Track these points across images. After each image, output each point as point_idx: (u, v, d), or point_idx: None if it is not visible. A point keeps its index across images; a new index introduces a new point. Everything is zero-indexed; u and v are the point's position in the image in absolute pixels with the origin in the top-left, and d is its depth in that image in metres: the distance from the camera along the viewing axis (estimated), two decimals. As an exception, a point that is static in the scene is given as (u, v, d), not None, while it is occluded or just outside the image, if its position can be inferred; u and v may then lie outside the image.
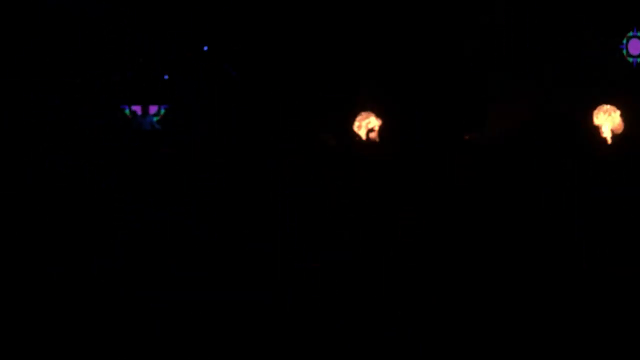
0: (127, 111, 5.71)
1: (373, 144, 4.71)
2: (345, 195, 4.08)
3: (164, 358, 3.30)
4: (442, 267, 3.74)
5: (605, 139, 4.91)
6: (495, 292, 3.55)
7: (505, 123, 4.48)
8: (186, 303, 3.61)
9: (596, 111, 5.41)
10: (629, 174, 4.15)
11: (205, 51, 5.29)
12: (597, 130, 5.04)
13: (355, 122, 5.13)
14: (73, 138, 4.77)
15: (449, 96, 4.62)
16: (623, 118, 5.13)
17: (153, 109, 5.88)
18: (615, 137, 5.02)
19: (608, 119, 5.43)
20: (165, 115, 5.75)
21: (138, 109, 5.91)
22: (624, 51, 6.10)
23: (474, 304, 3.49)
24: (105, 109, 5.41)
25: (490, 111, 4.63)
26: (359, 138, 4.90)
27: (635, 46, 6.12)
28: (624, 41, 6.11)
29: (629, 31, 6.02)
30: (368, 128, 5.02)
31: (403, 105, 4.88)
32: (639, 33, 6.03)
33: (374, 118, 5.19)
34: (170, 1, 5.74)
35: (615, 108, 5.43)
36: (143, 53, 5.59)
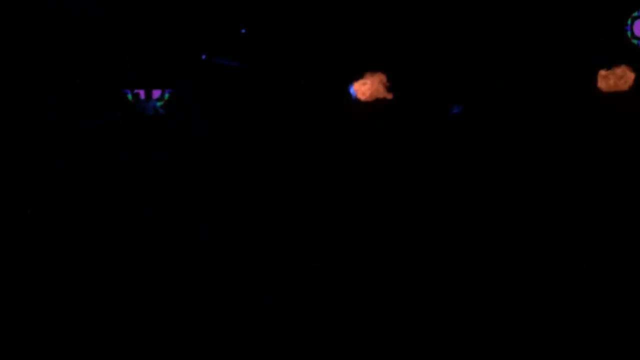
0: (130, 95, 5.72)
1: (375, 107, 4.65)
2: (345, 195, 4.09)
3: (164, 358, 3.33)
4: (442, 267, 3.77)
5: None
6: (495, 292, 3.57)
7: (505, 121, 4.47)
8: (186, 303, 3.63)
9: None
10: (630, 173, 4.11)
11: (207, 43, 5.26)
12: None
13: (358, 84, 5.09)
14: (74, 134, 4.75)
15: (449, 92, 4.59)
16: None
17: (156, 93, 5.90)
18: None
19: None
20: (169, 100, 5.77)
21: (141, 93, 5.93)
22: (629, 33, 6.00)
23: (474, 304, 3.52)
24: (107, 95, 5.39)
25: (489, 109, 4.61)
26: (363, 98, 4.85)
27: (640, 27, 5.98)
28: (629, 22, 6.00)
29: (634, 11, 5.90)
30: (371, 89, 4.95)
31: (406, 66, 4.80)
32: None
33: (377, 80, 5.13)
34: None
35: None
36: (146, 40, 5.56)
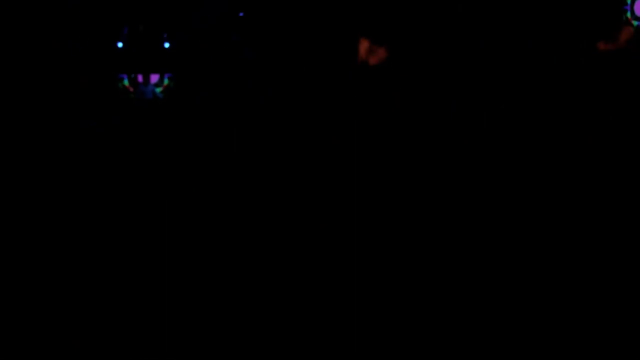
0: (126, 81, 5.57)
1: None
2: (345, 193, 4.04)
3: (164, 358, 3.40)
4: (442, 267, 3.78)
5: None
6: (495, 292, 3.61)
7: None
8: (186, 303, 3.64)
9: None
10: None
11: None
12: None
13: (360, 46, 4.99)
14: (68, 122, 4.59)
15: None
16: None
17: (154, 78, 5.79)
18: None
19: None
20: (168, 86, 5.65)
21: (139, 77, 5.81)
22: (628, 13, 5.94)
23: (474, 304, 3.57)
24: (102, 80, 5.24)
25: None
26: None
27: (641, 7, 5.90)
28: (628, 2, 5.93)
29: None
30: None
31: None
32: (646, -8, 5.82)
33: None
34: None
35: None
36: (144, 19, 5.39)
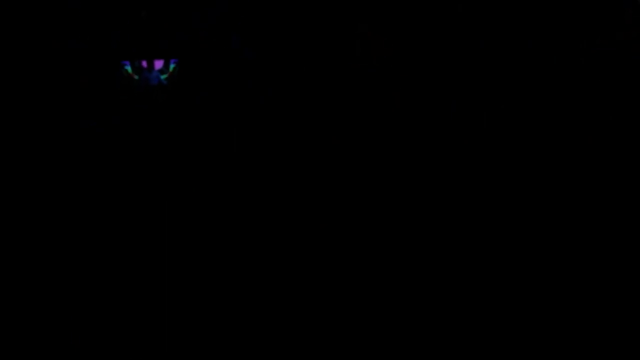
0: (129, 68, 5.47)
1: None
2: (345, 193, 3.95)
3: (164, 357, 3.32)
4: (442, 266, 3.69)
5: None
6: (495, 292, 3.44)
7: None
8: (186, 302, 3.55)
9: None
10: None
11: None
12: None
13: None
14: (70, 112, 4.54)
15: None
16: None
17: (159, 64, 5.68)
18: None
19: None
20: (174, 72, 5.54)
21: (143, 63, 5.72)
22: None
23: (474, 304, 3.39)
24: (105, 66, 5.14)
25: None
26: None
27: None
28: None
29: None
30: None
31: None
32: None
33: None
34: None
35: None
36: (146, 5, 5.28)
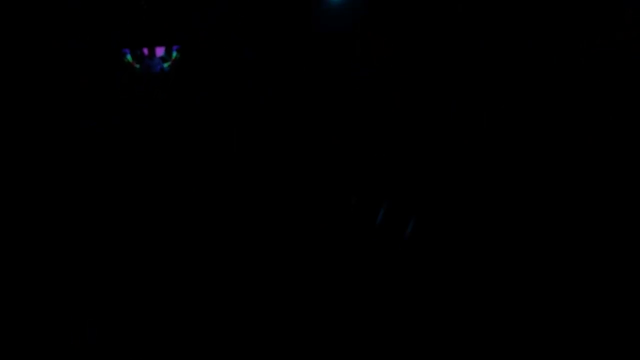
0: (129, 57, 5.29)
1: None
2: (345, 193, 3.84)
3: (164, 357, 3.28)
4: (442, 266, 3.58)
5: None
6: (494, 292, 3.42)
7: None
8: (185, 301, 3.54)
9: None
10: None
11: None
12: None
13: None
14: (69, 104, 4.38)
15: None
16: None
17: (160, 51, 5.48)
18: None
19: None
20: (176, 59, 5.34)
21: (145, 51, 5.52)
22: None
23: (473, 303, 3.40)
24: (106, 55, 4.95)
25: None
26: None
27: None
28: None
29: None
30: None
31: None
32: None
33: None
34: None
35: None
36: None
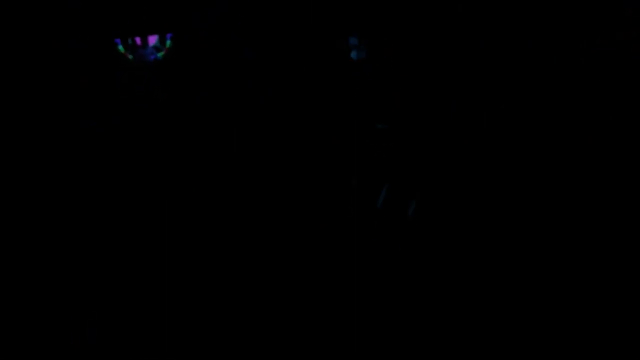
0: (121, 47, 5.19)
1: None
2: (344, 193, 3.81)
3: (164, 357, 3.29)
4: (442, 266, 3.56)
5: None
6: (494, 292, 3.40)
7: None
8: (186, 302, 3.52)
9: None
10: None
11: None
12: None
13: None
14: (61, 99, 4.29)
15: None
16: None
17: (153, 40, 5.39)
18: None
19: None
20: (171, 48, 5.24)
21: (137, 40, 5.44)
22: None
23: (473, 304, 3.38)
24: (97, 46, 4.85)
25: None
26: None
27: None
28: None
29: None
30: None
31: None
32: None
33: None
34: None
35: None
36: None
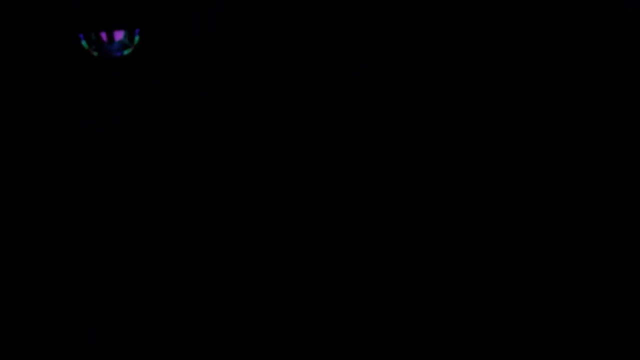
0: (84, 42, 4.92)
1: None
2: (345, 193, 3.69)
3: (164, 357, 3.26)
4: (441, 267, 3.51)
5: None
6: (494, 293, 3.36)
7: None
8: (186, 303, 3.46)
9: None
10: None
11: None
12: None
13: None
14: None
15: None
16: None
17: (119, 35, 5.14)
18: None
19: None
20: (139, 42, 5.00)
21: (103, 35, 5.19)
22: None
23: (473, 305, 3.33)
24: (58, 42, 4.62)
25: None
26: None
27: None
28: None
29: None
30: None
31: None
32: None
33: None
34: None
35: None
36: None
